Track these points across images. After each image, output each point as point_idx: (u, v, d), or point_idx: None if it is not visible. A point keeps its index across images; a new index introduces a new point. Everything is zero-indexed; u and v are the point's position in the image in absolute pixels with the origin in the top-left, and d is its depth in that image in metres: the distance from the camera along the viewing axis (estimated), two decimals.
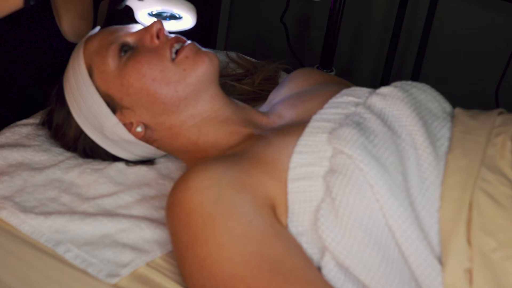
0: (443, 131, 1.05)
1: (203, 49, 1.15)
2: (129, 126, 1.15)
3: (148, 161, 1.24)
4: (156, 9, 1.32)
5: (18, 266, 1.04)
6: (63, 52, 1.37)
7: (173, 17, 1.34)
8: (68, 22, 1.30)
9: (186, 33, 1.18)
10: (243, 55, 1.62)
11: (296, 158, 1.00)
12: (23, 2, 1.11)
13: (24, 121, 1.31)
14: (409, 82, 1.15)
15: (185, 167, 1.22)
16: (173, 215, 0.98)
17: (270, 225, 0.95)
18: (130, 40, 1.14)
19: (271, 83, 1.49)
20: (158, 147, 1.18)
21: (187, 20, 1.34)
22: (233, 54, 1.63)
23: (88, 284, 1.01)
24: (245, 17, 2.28)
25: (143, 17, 1.33)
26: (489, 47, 1.90)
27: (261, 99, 1.44)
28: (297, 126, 1.06)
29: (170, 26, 1.34)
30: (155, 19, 1.32)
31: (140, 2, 1.30)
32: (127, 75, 1.11)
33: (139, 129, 1.14)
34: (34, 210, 1.11)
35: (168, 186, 1.18)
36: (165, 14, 1.34)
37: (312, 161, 1.00)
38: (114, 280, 1.01)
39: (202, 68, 1.11)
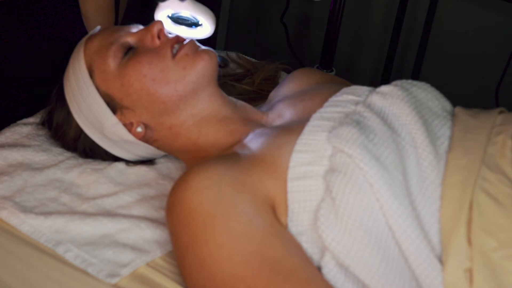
0: (443, 130, 1.05)
1: (202, 47, 1.15)
2: (129, 126, 1.15)
3: (148, 161, 1.24)
4: (178, 11, 1.33)
5: (18, 266, 1.04)
6: (64, 49, 1.38)
7: (191, 23, 1.35)
8: (92, 19, 1.34)
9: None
10: (243, 55, 1.62)
11: (296, 157, 1.00)
12: None
13: (24, 120, 1.31)
14: (409, 81, 1.14)
15: (185, 167, 1.22)
16: (173, 215, 0.98)
17: (270, 225, 0.95)
18: (130, 40, 1.14)
19: (271, 83, 1.49)
20: (158, 147, 1.18)
21: (206, 28, 1.34)
22: (233, 54, 1.63)
23: (88, 284, 1.01)
24: (245, 17, 2.28)
25: (162, 18, 1.33)
26: (489, 47, 1.90)
27: (261, 99, 1.44)
28: (297, 125, 1.06)
29: (187, 33, 1.34)
30: (170, 21, 1.32)
31: (164, 2, 1.31)
32: (128, 75, 1.11)
33: (139, 129, 1.14)
34: (34, 210, 1.11)
35: (168, 186, 1.18)
36: (181, 18, 1.34)
37: (312, 160, 0.99)
38: (114, 280, 1.01)
39: (201, 65, 1.11)
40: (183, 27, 1.36)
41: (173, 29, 1.37)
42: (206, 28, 1.35)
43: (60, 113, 1.20)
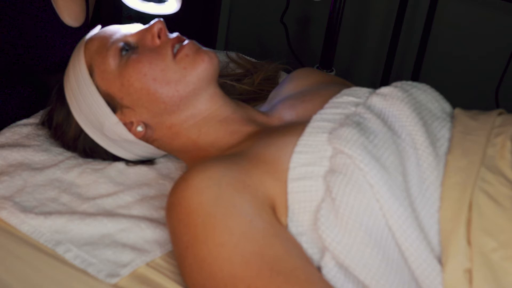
0: (443, 132, 1.05)
1: (203, 48, 1.15)
2: (129, 126, 1.15)
3: (148, 161, 1.24)
4: None
5: (18, 266, 1.04)
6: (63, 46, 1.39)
7: None
8: (63, 6, 1.35)
9: (186, 33, 1.18)
10: (243, 55, 1.62)
11: (296, 158, 1.00)
12: None
13: (24, 121, 1.31)
14: (409, 82, 1.15)
15: (185, 167, 1.22)
16: (173, 215, 0.98)
17: (270, 225, 0.95)
18: (131, 40, 1.14)
19: (271, 83, 1.49)
20: (158, 147, 1.18)
21: (172, 4, 1.35)
22: (233, 54, 1.63)
23: (88, 284, 1.01)
24: (245, 17, 2.28)
25: None
26: (489, 47, 1.90)
27: (261, 99, 1.44)
28: (297, 126, 1.06)
29: (152, 8, 1.35)
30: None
31: None
32: (128, 74, 1.11)
33: (139, 128, 1.15)
34: (34, 210, 1.11)
35: (168, 186, 1.18)
36: None
37: (312, 161, 1.00)
38: (114, 280, 1.01)
39: (202, 67, 1.11)
40: (152, 4, 1.37)
41: (141, 6, 1.38)
42: (172, 3, 1.36)
43: (60, 113, 1.20)
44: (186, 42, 1.14)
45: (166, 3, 1.37)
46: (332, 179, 0.96)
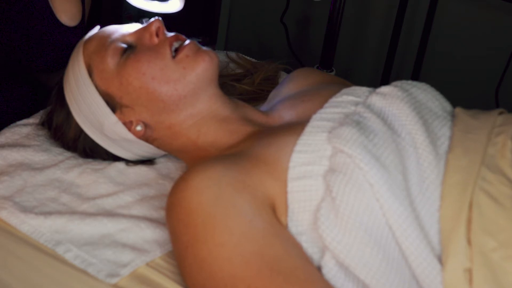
0: (444, 130, 1.05)
1: (203, 47, 1.15)
2: (129, 125, 1.15)
3: (148, 161, 1.24)
4: None
5: (18, 266, 1.04)
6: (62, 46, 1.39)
7: None
8: (59, 6, 1.36)
9: (186, 33, 1.18)
10: (243, 55, 1.63)
11: (296, 157, 1.00)
12: None
13: (24, 121, 1.31)
14: (409, 82, 1.15)
15: (185, 167, 1.22)
16: (173, 215, 0.98)
17: (270, 225, 0.95)
18: (129, 39, 1.14)
19: (271, 83, 1.49)
20: (158, 147, 1.18)
21: (175, 2, 1.35)
22: (233, 54, 1.63)
23: (88, 284, 1.01)
24: (245, 17, 2.28)
25: None
26: (489, 47, 1.90)
27: (261, 99, 1.44)
28: (297, 126, 1.06)
29: (155, 7, 1.35)
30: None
31: None
32: (127, 73, 1.11)
33: (138, 127, 1.14)
34: (34, 210, 1.11)
35: (168, 186, 1.18)
36: None
37: (312, 160, 1.00)
38: (114, 280, 1.01)
39: (202, 67, 1.11)
40: (155, 2, 1.38)
41: (145, 5, 1.39)
42: (175, 2, 1.37)
43: (59, 114, 1.20)
44: (187, 42, 1.14)
45: (169, 1, 1.38)
46: (332, 178, 0.96)
